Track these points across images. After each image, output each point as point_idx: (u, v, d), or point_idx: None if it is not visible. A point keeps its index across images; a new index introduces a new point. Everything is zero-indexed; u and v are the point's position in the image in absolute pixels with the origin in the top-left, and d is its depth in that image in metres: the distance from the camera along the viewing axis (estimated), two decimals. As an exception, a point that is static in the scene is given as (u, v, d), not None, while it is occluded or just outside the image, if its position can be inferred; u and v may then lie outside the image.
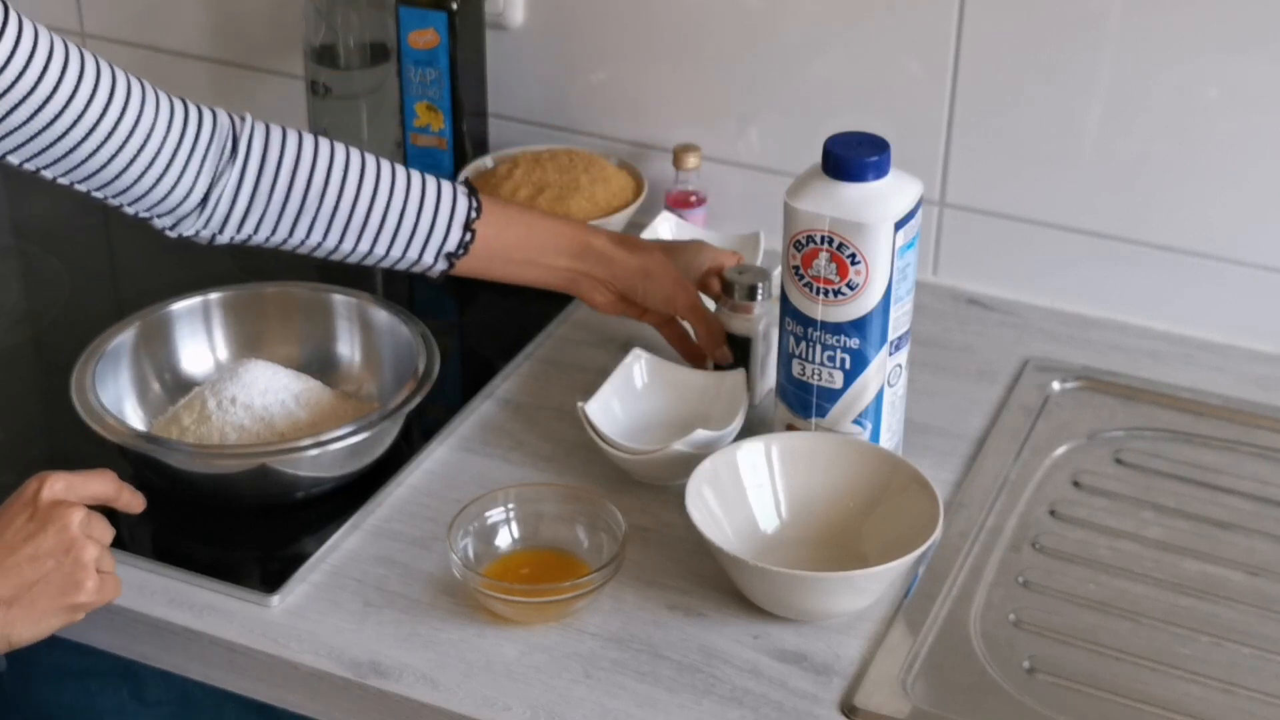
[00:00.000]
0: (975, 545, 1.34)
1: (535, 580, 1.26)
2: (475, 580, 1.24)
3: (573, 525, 1.30)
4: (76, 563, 1.14)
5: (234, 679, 1.26)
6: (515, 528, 1.30)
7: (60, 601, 1.14)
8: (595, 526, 1.29)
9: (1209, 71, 1.50)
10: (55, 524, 1.14)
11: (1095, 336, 1.59)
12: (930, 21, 1.58)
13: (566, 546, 1.30)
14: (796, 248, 1.30)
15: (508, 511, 1.30)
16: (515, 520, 1.30)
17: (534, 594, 1.24)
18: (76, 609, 1.16)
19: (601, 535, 1.28)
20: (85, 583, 1.15)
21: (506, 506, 1.30)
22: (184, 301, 1.46)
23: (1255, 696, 1.21)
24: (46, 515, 1.15)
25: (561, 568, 1.28)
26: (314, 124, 1.75)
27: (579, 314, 1.63)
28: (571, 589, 1.23)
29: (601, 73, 1.74)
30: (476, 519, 1.29)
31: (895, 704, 1.19)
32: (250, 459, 1.31)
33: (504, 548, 1.30)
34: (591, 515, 1.30)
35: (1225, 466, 1.43)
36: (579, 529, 1.30)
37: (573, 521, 1.30)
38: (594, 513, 1.30)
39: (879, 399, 1.34)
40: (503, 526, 1.30)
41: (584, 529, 1.30)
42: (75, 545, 1.14)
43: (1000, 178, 1.62)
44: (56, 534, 1.14)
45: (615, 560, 1.25)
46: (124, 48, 1.97)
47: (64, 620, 1.16)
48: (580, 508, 1.30)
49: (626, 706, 1.19)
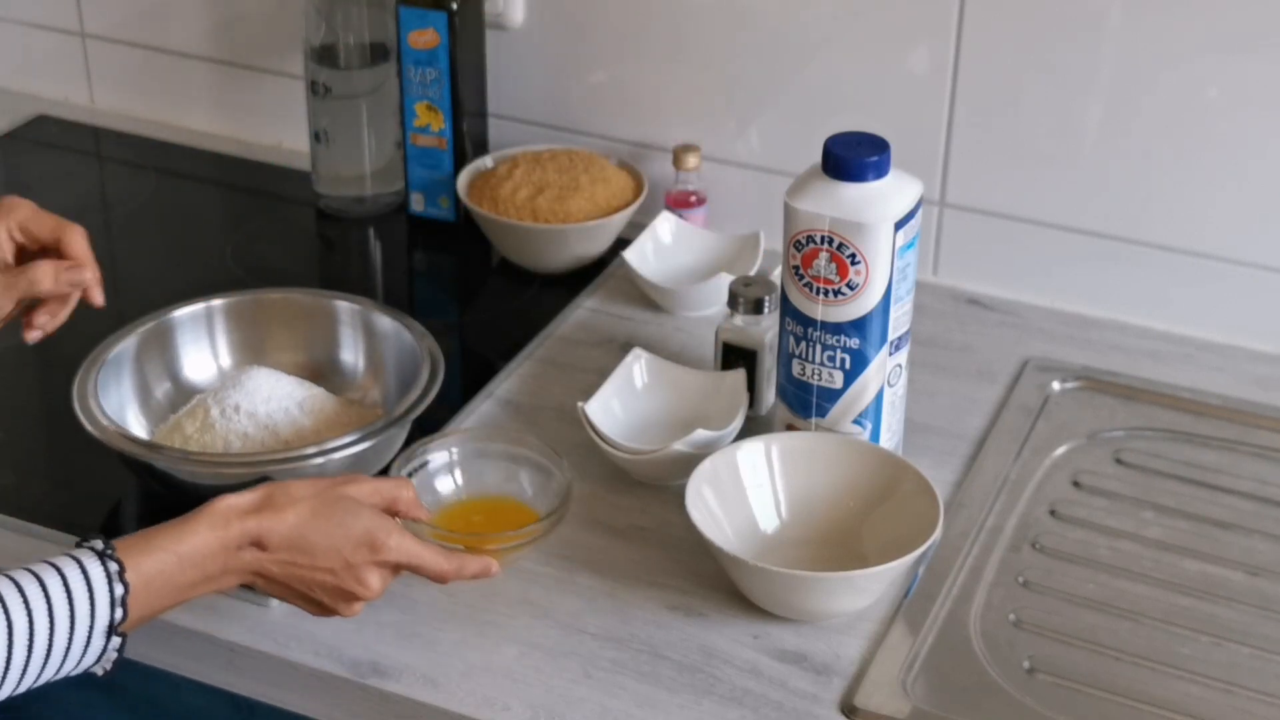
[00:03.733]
0: (975, 545, 1.34)
1: (480, 528, 1.27)
2: (419, 528, 1.24)
3: (517, 472, 1.31)
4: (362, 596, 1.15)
5: (234, 679, 1.26)
6: (459, 474, 1.31)
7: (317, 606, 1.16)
8: (540, 473, 1.31)
9: (1209, 71, 1.50)
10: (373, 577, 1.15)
11: (1095, 336, 1.59)
12: (930, 21, 1.58)
13: (512, 493, 1.31)
14: (796, 248, 1.30)
15: (451, 456, 1.31)
16: (459, 467, 1.31)
17: (476, 543, 1.25)
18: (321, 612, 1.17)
19: (546, 482, 1.30)
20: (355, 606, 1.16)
21: (450, 451, 1.31)
22: (186, 308, 1.45)
23: (1255, 696, 1.21)
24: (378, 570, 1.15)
25: (506, 514, 1.29)
26: (314, 124, 1.75)
27: (579, 314, 1.63)
28: (514, 538, 1.24)
29: (601, 73, 1.74)
30: (420, 465, 1.30)
31: (895, 704, 1.19)
32: (255, 468, 1.30)
33: (446, 494, 1.31)
34: (536, 463, 1.31)
35: (1225, 466, 1.43)
36: (523, 476, 1.31)
37: (517, 468, 1.31)
38: (539, 461, 1.31)
39: (879, 399, 1.34)
40: (445, 473, 1.31)
41: (528, 476, 1.31)
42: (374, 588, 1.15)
43: (1000, 178, 1.62)
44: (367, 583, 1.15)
45: (559, 510, 1.26)
46: (124, 48, 1.97)
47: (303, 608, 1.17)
48: (524, 454, 1.32)
49: (626, 706, 1.19)
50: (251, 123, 1.94)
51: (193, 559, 1.11)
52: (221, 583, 1.13)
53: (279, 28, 1.86)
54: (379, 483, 1.19)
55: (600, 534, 1.34)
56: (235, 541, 1.12)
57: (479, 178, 1.71)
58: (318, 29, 1.71)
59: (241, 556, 1.13)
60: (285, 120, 1.90)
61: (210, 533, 1.11)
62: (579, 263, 1.67)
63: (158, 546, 1.10)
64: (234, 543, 1.12)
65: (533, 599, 1.28)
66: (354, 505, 1.15)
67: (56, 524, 1.34)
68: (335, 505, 1.15)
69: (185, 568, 1.11)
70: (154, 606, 1.11)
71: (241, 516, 1.13)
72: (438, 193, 1.74)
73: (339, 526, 1.14)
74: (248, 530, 1.12)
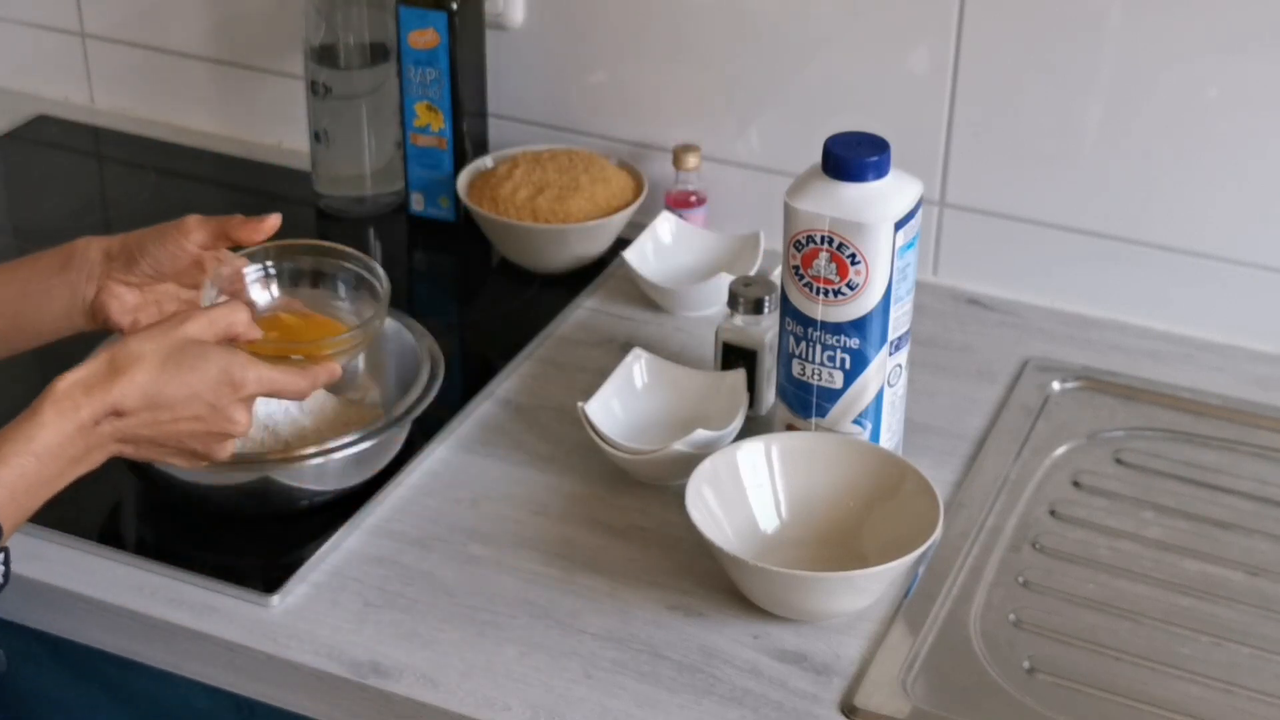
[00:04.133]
0: (975, 545, 1.34)
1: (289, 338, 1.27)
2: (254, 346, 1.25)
3: (334, 284, 1.32)
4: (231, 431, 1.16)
5: (234, 679, 1.26)
6: (275, 286, 1.31)
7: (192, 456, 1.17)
8: (357, 286, 1.31)
9: (1209, 71, 1.50)
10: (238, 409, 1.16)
11: (1095, 336, 1.59)
12: (930, 21, 1.58)
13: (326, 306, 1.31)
14: (796, 248, 1.30)
15: (265, 269, 1.31)
16: (274, 279, 1.31)
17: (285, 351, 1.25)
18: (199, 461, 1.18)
19: (364, 294, 1.30)
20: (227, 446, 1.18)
21: (264, 264, 1.31)
22: None
23: (1255, 696, 1.21)
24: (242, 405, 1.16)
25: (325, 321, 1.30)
26: (314, 124, 1.75)
27: (579, 314, 1.63)
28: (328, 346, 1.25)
29: (601, 73, 1.74)
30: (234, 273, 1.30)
31: (895, 704, 1.19)
32: (255, 468, 1.30)
33: (262, 305, 1.31)
34: (354, 275, 1.32)
35: (1225, 466, 1.43)
36: (340, 287, 1.32)
37: (334, 280, 1.32)
38: (357, 273, 1.31)
39: (879, 399, 1.34)
40: (260, 284, 1.31)
41: (345, 288, 1.32)
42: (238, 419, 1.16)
43: (1000, 178, 1.62)
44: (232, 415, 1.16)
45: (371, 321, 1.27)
46: (124, 48, 1.97)
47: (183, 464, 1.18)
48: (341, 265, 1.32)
49: (626, 706, 1.19)
50: (251, 123, 1.94)
51: (51, 452, 1.10)
52: (90, 461, 1.13)
53: (279, 28, 1.87)
54: (213, 313, 1.18)
55: (600, 534, 1.34)
56: (90, 419, 1.11)
57: (479, 178, 1.71)
58: (318, 29, 1.71)
59: (101, 430, 1.12)
60: (285, 120, 1.90)
61: (61, 420, 1.10)
62: (579, 263, 1.67)
63: (11, 453, 1.09)
64: (89, 420, 1.11)
65: (533, 599, 1.28)
66: (199, 348, 1.15)
67: (56, 524, 1.33)
68: (182, 353, 1.14)
69: (46, 463, 1.10)
70: (28, 507, 1.11)
71: (88, 392, 1.11)
72: (438, 193, 1.74)
73: (192, 372, 1.13)
74: (99, 404, 1.11)
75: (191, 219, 1.28)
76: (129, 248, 1.27)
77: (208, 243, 1.28)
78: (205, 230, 1.28)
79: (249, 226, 1.27)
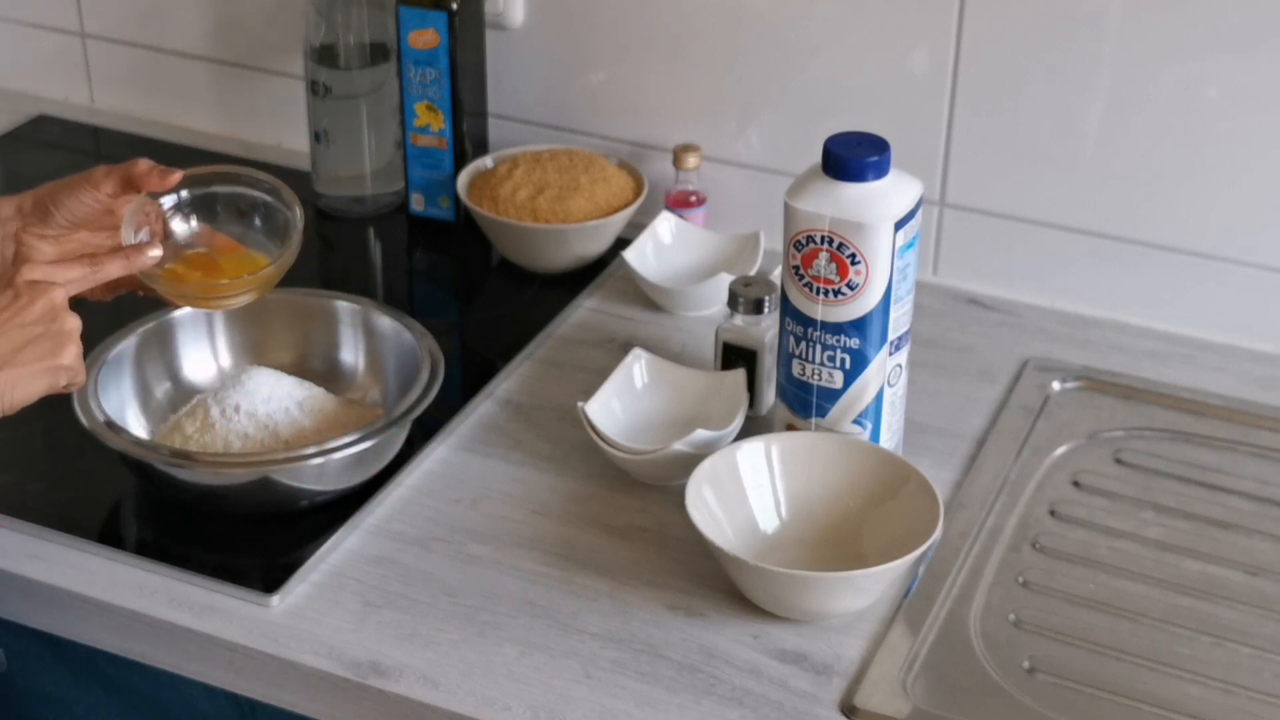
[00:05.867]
0: (975, 545, 1.34)
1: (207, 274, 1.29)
2: (155, 280, 1.27)
3: (250, 217, 1.32)
4: (61, 330, 1.19)
5: (234, 679, 1.26)
6: (194, 219, 1.32)
7: (48, 363, 1.18)
8: (271, 218, 1.32)
9: (1209, 71, 1.50)
10: (40, 297, 1.18)
11: (1095, 336, 1.59)
12: (930, 21, 1.58)
13: (242, 237, 1.32)
14: (796, 248, 1.30)
15: (179, 198, 1.32)
16: (191, 210, 1.32)
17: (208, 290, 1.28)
18: (59, 371, 1.19)
19: (276, 226, 1.31)
20: (69, 347, 1.19)
21: (179, 195, 1.31)
22: (186, 308, 1.45)
23: (1255, 696, 1.21)
24: (30, 290, 1.18)
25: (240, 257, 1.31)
26: (314, 124, 1.75)
27: (579, 314, 1.63)
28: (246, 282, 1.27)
29: (601, 73, 1.74)
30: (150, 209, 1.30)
31: (895, 704, 1.19)
32: (255, 468, 1.30)
33: (181, 235, 1.31)
34: (269, 208, 1.32)
35: (1225, 466, 1.43)
36: (255, 219, 1.32)
37: (250, 213, 1.32)
38: (272, 206, 1.32)
39: (879, 399, 1.34)
40: (178, 216, 1.32)
41: (260, 219, 1.32)
42: (60, 315, 1.19)
43: (1000, 178, 1.62)
44: (41, 306, 1.18)
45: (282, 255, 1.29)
46: (124, 48, 1.97)
47: (49, 382, 1.19)
48: (258, 197, 1.33)
49: (626, 706, 1.19)
50: (251, 123, 1.94)
51: None
52: None
53: (279, 28, 1.87)
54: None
55: (600, 534, 1.34)
56: None
57: (479, 178, 1.71)
58: (318, 29, 1.71)
59: None
60: (285, 120, 1.90)
61: None
62: (579, 263, 1.67)
63: None
64: None
65: (533, 599, 1.28)
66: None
67: (56, 524, 1.34)
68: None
69: None
70: None
71: None
72: (438, 193, 1.74)
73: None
74: None
75: (99, 170, 1.31)
76: (41, 201, 1.30)
77: (117, 191, 1.30)
78: (114, 180, 1.30)
79: (156, 173, 1.30)
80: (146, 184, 1.29)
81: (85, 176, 1.30)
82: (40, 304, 1.18)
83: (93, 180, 1.30)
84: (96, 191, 1.29)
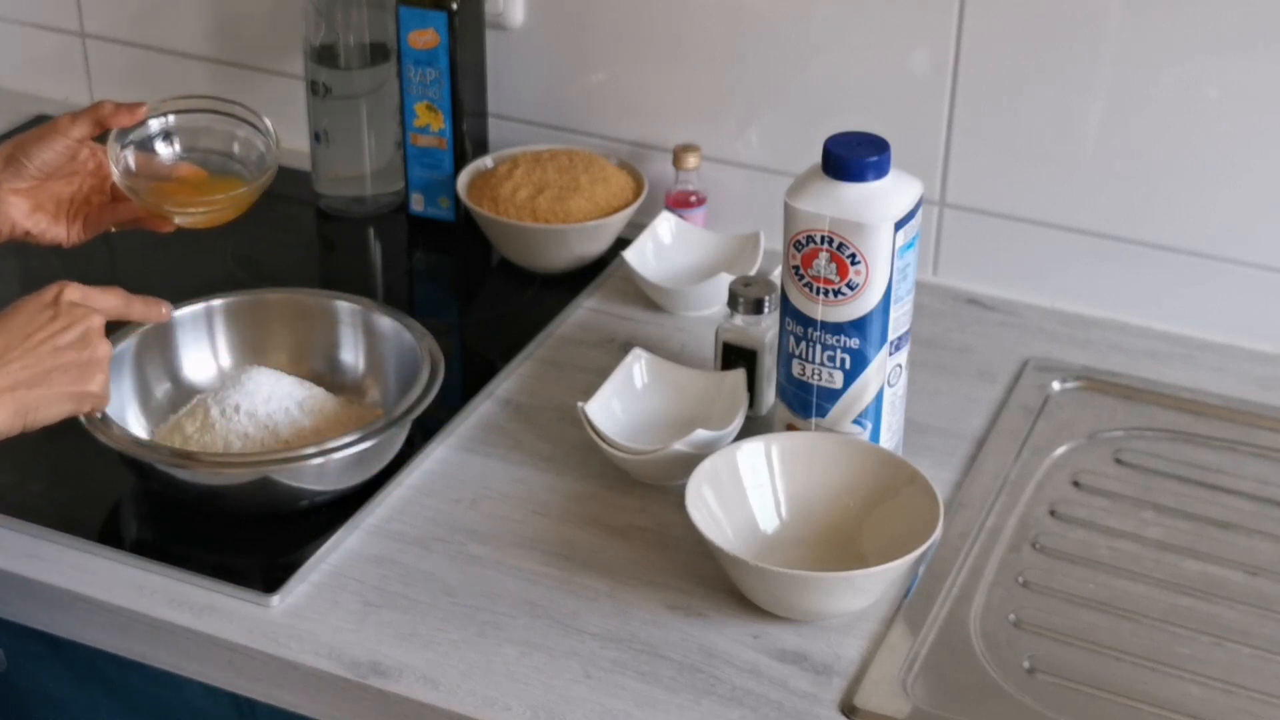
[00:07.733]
0: (975, 545, 1.34)
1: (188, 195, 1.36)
2: (142, 188, 1.34)
3: (229, 141, 1.39)
4: (93, 357, 1.23)
5: (234, 679, 1.26)
6: (177, 142, 1.38)
7: (76, 388, 1.22)
8: (248, 144, 1.39)
9: (1209, 71, 1.50)
10: (79, 323, 1.22)
11: (1095, 336, 1.59)
12: (930, 21, 1.58)
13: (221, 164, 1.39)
14: (796, 248, 1.30)
15: (166, 122, 1.38)
16: (176, 134, 1.38)
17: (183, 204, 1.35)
18: (85, 398, 1.24)
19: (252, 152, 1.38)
20: (98, 375, 1.24)
21: (165, 118, 1.38)
22: (186, 308, 1.45)
23: (1255, 696, 1.21)
24: (68, 314, 1.22)
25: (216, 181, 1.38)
26: (314, 124, 1.75)
27: (579, 314, 1.63)
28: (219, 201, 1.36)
29: (601, 73, 1.74)
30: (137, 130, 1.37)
31: (895, 704, 1.19)
32: (255, 468, 1.30)
33: (165, 156, 1.38)
34: (248, 133, 1.39)
35: (1225, 466, 1.43)
36: (235, 145, 1.39)
37: (229, 138, 1.39)
38: (249, 132, 1.39)
39: (879, 399, 1.34)
40: (161, 140, 1.38)
41: (239, 145, 1.39)
42: (94, 342, 1.23)
43: (1000, 178, 1.62)
44: (78, 331, 1.22)
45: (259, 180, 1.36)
46: (124, 48, 1.97)
47: (74, 407, 1.24)
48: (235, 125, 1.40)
49: (626, 706, 1.19)
50: (251, 123, 1.94)
51: None
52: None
53: (279, 28, 1.87)
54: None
55: (600, 534, 1.34)
56: None
57: (479, 178, 1.71)
58: (318, 29, 1.71)
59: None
60: (285, 120, 1.89)
61: None
62: (579, 263, 1.67)
63: None
64: None
65: (533, 599, 1.28)
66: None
67: (56, 524, 1.34)
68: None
69: None
70: None
71: None
72: (438, 193, 1.74)
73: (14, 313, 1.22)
74: None
75: (64, 118, 1.35)
76: (13, 155, 1.35)
77: (86, 134, 1.35)
78: (81, 124, 1.35)
79: (123, 111, 1.35)
80: (115, 122, 1.34)
81: (51, 126, 1.35)
82: (78, 329, 1.22)
83: (60, 128, 1.34)
84: (65, 138, 1.34)
